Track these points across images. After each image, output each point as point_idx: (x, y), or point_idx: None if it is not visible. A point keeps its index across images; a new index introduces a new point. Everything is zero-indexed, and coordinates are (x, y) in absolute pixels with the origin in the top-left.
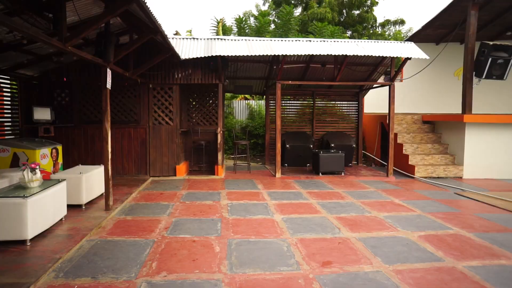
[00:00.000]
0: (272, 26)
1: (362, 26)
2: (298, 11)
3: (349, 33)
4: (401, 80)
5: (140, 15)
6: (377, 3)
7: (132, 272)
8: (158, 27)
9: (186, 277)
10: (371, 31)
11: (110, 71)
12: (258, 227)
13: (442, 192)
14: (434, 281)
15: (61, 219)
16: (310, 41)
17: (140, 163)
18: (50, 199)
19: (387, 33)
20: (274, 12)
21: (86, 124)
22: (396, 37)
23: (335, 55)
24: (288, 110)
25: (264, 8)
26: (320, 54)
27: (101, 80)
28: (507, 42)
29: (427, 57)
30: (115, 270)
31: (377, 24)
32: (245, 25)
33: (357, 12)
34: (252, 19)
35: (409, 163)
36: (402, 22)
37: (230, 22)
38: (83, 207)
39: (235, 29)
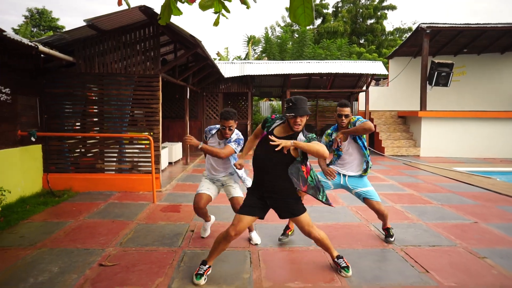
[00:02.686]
0: (296, 35)
1: (373, 35)
2: (318, 22)
3: (362, 40)
4: (387, 85)
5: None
6: (386, 14)
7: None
8: (216, 66)
9: None
10: (383, 38)
11: (189, 89)
12: None
13: (395, 162)
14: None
15: (165, 168)
16: (309, 62)
17: None
18: (164, 154)
19: (402, 37)
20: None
21: (164, 119)
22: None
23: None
24: None
25: (289, 20)
26: (315, 72)
27: (175, 92)
28: (448, 60)
29: (387, 73)
30: None
31: (386, 33)
32: (271, 36)
33: (370, 21)
34: (278, 28)
35: (382, 145)
36: (410, 29)
37: (259, 33)
38: (172, 164)
39: (262, 41)
